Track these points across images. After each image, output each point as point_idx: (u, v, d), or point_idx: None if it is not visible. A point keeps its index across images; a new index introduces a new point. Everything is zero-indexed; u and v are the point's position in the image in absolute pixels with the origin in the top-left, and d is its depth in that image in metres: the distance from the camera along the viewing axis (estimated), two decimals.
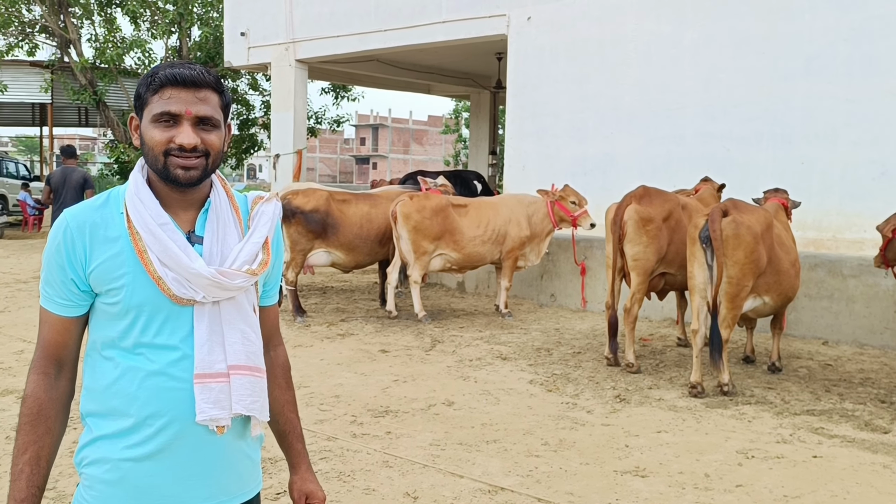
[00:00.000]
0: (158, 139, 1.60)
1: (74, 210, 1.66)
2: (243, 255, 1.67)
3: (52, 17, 17.15)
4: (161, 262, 1.59)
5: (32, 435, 1.61)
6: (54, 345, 1.66)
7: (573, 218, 8.34)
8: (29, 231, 18.90)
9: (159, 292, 1.60)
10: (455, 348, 7.23)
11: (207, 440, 1.64)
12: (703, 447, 4.68)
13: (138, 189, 1.64)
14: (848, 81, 7.95)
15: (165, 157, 1.60)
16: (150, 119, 1.61)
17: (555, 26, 10.09)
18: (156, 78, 1.61)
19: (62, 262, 1.61)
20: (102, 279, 1.60)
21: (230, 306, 1.66)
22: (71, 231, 1.61)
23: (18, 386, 5.78)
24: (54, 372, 1.65)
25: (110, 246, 1.61)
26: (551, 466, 4.37)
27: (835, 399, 5.73)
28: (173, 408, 1.61)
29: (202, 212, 1.69)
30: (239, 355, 1.66)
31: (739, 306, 5.66)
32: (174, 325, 1.62)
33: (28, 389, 1.63)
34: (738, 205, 5.77)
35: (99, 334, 1.65)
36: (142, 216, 1.60)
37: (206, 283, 1.60)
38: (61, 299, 1.63)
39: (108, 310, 1.63)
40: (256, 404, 1.68)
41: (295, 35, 13.06)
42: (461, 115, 33.13)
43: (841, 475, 4.25)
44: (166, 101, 1.60)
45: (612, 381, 6.18)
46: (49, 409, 1.63)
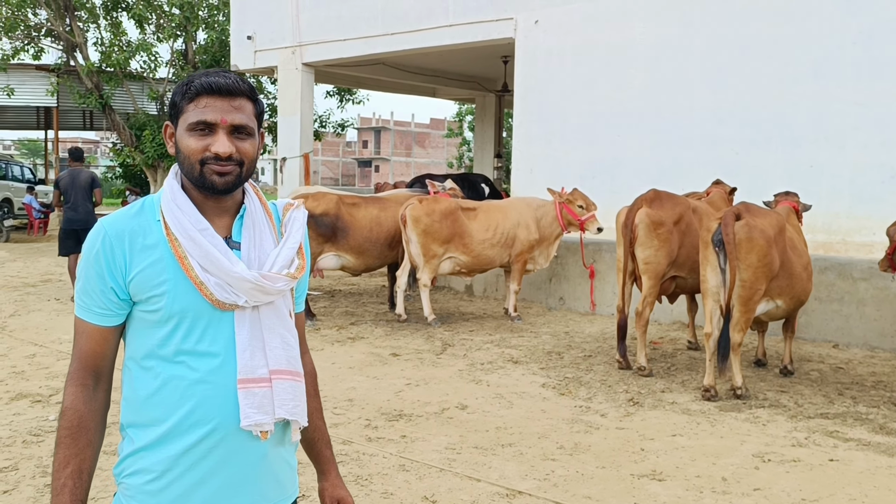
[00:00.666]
0: (194, 147, 1.61)
1: (111, 218, 1.65)
2: (281, 260, 1.68)
3: (59, 21, 17.18)
4: (202, 268, 1.59)
5: (74, 448, 1.60)
6: (92, 355, 1.65)
7: (580, 221, 8.36)
8: (34, 234, 18.93)
9: (201, 298, 1.60)
10: (466, 352, 7.23)
11: (250, 447, 1.64)
12: (719, 451, 4.68)
13: (175, 196, 1.64)
14: (856, 85, 7.96)
15: (202, 165, 1.61)
16: (185, 128, 1.62)
17: (562, 30, 10.11)
18: (191, 86, 1.62)
19: (101, 271, 1.61)
20: (143, 287, 1.60)
21: (269, 311, 1.67)
22: (110, 239, 1.61)
23: (32, 390, 5.80)
24: (92, 383, 1.65)
25: (150, 253, 1.61)
26: (568, 470, 4.37)
27: (848, 402, 5.73)
28: (217, 415, 1.61)
29: (237, 218, 1.71)
30: (280, 360, 1.66)
31: (752, 310, 5.66)
32: (215, 331, 1.62)
33: (67, 402, 1.62)
34: (750, 208, 5.77)
35: (138, 344, 1.65)
36: (181, 222, 1.61)
37: (248, 287, 1.61)
38: (100, 309, 1.63)
39: (147, 318, 1.62)
40: (298, 408, 1.68)
41: (302, 39, 13.09)
42: (465, 118, 33.15)
43: (858, 479, 4.25)
44: (202, 109, 1.61)
45: (624, 384, 6.18)
46: (89, 421, 1.63)
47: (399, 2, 11.80)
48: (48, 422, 5.10)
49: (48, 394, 5.72)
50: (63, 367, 6.51)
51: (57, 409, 5.38)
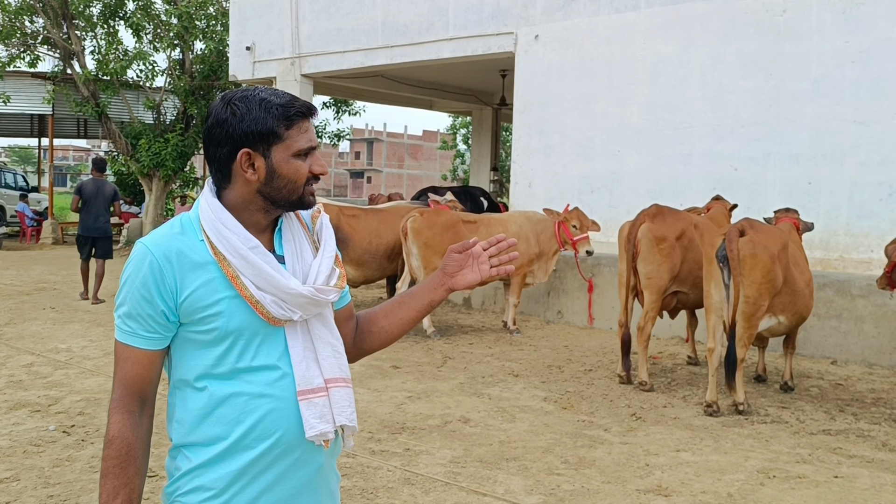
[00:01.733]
0: (303, 172, 1.64)
1: (154, 239, 1.62)
2: (324, 270, 1.69)
3: (55, 29, 17.15)
4: (256, 286, 1.59)
5: (123, 478, 1.58)
6: (139, 380, 1.62)
7: (572, 241, 8.38)
8: (27, 242, 18.83)
9: (256, 316, 1.60)
10: (466, 364, 7.22)
11: (310, 456, 1.66)
12: (724, 466, 4.68)
13: (219, 215, 1.62)
14: (855, 103, 8.03)
15: (304, 188, 1.65)
16: (291, 153, 1.62)
17: (562, 45, 10.16)
18: (292, 111, 1.62)
19: (150, 294, 1.58)
20: (195, 308, 1.59)
21: (318, 322, 1.69)
22: (158, 261, 1.58)
23: (31, 399, 5.75)
24: (138, 409, 1.63)
25: (200, 273, 1.60)
26: (573, 485, 4.36)
27: (849, 419, 5.74)
28: (280, 428, 1.62)
29: (276, 231, 1.71)
30: (333, 368, 1.69)
31: (756, 326, 5.68)
32: (269, 346, 1.63)
33: (114, 430, 1.59)
34: (754, 225, 5.80)
35: (189, 365, 1.63)
36: (230, 242, 1.60)
37: (303, 302, 1.62)
38: (148, 333, 1.60)
39: (199, 338, 1.61)
40: (353, 414, 1.71)
41: (301, 50, 13.11)
42: (458, 130, 33.23)
43: (864, 496, 4.25)
44: (306, 134, 1.64)
45: (626, 399, 6.18)
46: (137, 449, 1.61)
47: (399, 15, 11.85)
48: (48, 432, 5.06)
49: (47, 403, 5.68)
50: (61, 376, 6.46)
51: (56, 418, 5.34)
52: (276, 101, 1.62)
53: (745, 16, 8.74)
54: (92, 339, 7.93)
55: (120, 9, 17.79)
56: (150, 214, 17.94)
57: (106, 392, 6.03)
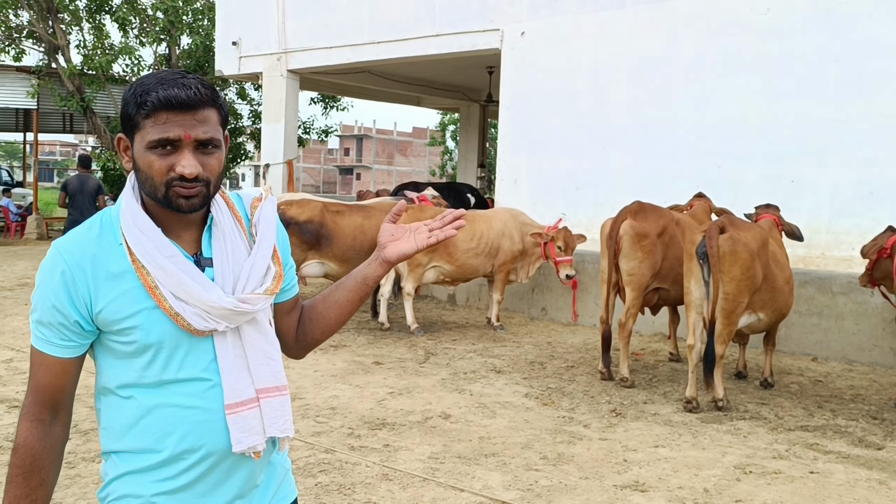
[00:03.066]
0: (157, 168, 1.45)
1: (67, 243, 1.50)
2: (256, 271, 1.58)
3: (41, 23, 17.03)
4: (176, 297, 1.48)
5: (25, 488, 1.50)
6: (52, 389, 1.52)
7: (555, 262, 8.33)
8: (11, 237, 18.69)
9: (176, 327, 1.50)
10: (449, 361, 7.22)
11: (241, 464, 1.60)
12: (701, 462, 4.70)
13: (136, 219, 1.49)
14: (838, 102, 8.07)
15: (167, 188, 1.46)
16: (145, 146, 1.46)
17: (548, 42, 10.17)
18: (148, 101, 1.43)
19: (61, 304, 1.47)
20: (112, 319, 1.49)
21: (250, 328, 1.58)
22: (70, 269, 1.47)
23: (9, 395, 5.71)
24: (49, 418, 1.53)
25: (117, 283, 1.48)
26: (551, 481, 4.37)
27: (827, 415, 5.78)
28: (208, 440, 1.54)
29: (206, 229, 1.58)
30: (265, 377, 1.59)
31: (735, 322, 5.71)
32: (196, 356, 1.53)
33: (20, 438, 1.51)
34: (734, 222, 5.83)
35: (113, 373, 1.54)
36: (147, 250, 1.48)
37: (227, 314, 1.51)
38: (61, 340, 1.50)
39: (121, 349, 1.51)
40: (287, 423, 1.63)
41: (287, 45, 13.06)
42: (447, 127, 33.22)
43: (838, 491, 4.29)
44: (162, 126, 1.44)
45: (606, 395, 6.20)
46: (43, 459, 1.52)
47: (386, 11, 11.82)
48: None
49: None
50: None
51: None
52: (146, 82, 1.46)
53: (730, 14, 8.76)
54: None
55: (106, 3, 17.68)
56: None
57: (86, 388, 5.97)
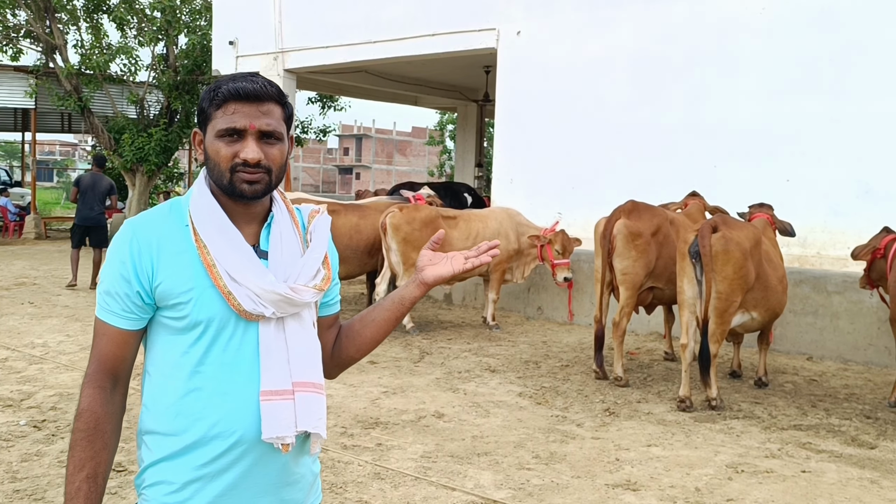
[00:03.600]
0: (224, 155, 1.59)
1: (139, 221, 1.63)
2: (307, 271, 1.66)
3: (38, 23, 17.00)
4: (231, 277, 1.57)
5: (90, 451, 1.57)
6: (112, 358, 1.62)
7: (553, 265, 8.34)
8: (9, 237, 18.68)
9: (228, 307, 1.58)
10: (443, 360, 7.23)
11: (272, 457, 1.63)
12: (693, 461, 4.71)
13: (204, 201, 1.63)
14: (833, 101, 8.07)
15: (232, 172, 1.59)
16: (214, 135, 1.60)
17: (544, 42, 10.17)
18: (219, 92, 1.60)
19: (127, 274, 1.58)
20: (169, 293, 1.58)
21: (294, 322, 1.64)
22: (138, 243, 1.59)
23: (3, 394, 5.72)
24: (110, 386, 1.62)
25: (178, 259, 1.59)
26: (543, 480, 4.37)
27: (821, 414, 5.78)
28: (240, 427, 1.58)
29: (265, 226, 1.68)
30: (304, 372, 1.64)
31: (728, 321, 5.71)
32: (240, 341, 1.60)
33: (84, 404, 1.59)
34: (727, 220, 5.83)
35: (160, 351, 1.63)
36: (209, 229, 1.59)
37: (276, 299, 1.59)
38: (123, 311, 1.60)
39: (172, 324, 1.60)
40: (320, 421, 1.66)
41: (284, 45, 13.07)
42: (446, 127, 33.21)
43: (830, 490, 4.29)
44: (230, 116, 1.58)
45: (600, 394, 6.20)
46: (106, 423, 1.60)
47: (382, 10, 11.83)
48: (18, 426, 5.03)
49: (19, 398, 5.65)
50: (35, 371, 6.42)
51: (28, 413, 5.31)
52: (219, 80, 1.62)
53: (725, 14, 8.77)
54: (69, 335, 7.89)
55: (103, 2, 17.65)
56: (133, 209, 17.81)
57: (79, 387, 5.99)
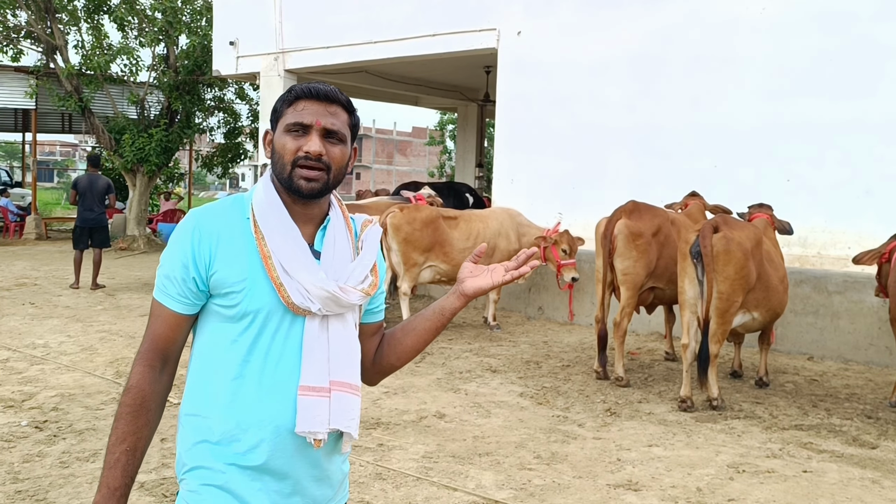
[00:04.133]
0: (289, 147, 1.66)
1: (203, 211, 1.70)
2: (356, 275, 1.71)
3: (39, 23, 17.01)
4: (284, 270, 1.63)
5: (133, 426, 1.63)
6: (164, 339, 1.68)
7: (559, 265, 8.25)
8: (10, 238, 18.69)
9: (278, 299, 1.64)
10: (444, 360, 7.23)
11: (304, 451, 1.67)
12: (695, 461, 4.71)
13: (268, 196, 1.69)
14: (833, 102, 8.07)
15: (293, 166, 1.66)
16: (282, 129, 1.68)
17: (545, 42, 10.17)
18: (292, 91, 1.70)
19: (186, 260, 1.64)
20: (224, 282, 1.64)
21: (338, 323, 1.70)
22: (199, 231, 1.65)
23: (4, 395, 5.72)
24: (160, 365, 1.68)
25: (235, 250, 1.65)
26: (545, 480, 4.38)
27: (822, 414, 5.79)
28: (277, 417, 1.64)
29: (321, 228, 1.74)
30: (342, 371, 1.69)
31: (729, 321, 5.71)
32: (286, 334, 1.66)
33: (133, 380, 1.66)
34: (728, 221, 5.84)
35: (209, 338, 1.69)
36: (269, 220, 1.65)
37: (324, 296, 1.64)
38: (179, 295, 1.66)
39: (223, 312, 1.66)
40: (353, 422, 1.70)
41: (284, 45, 13.07)
42: (446, 127, 33.20)
43: (831, 490, 4.29)
44: (299, 112, 1.66)
45: (601, 394, 6.21)
46: (151, 401, 1.66)
47: (383, 11, 11.83)
48: (20, 427, 5.03)
49: (21, 399, 5.65)
50: (36, 371, 6.43)
51: (30, 414, 5.31)
52: (295, 85, 1.71)
53: (726, 14, 8.77)
54: (70, 335, 7.89)
55: (104, 3, 17.66)
56: (133, 210, 17.83)
57: (81, 388, 6.01)
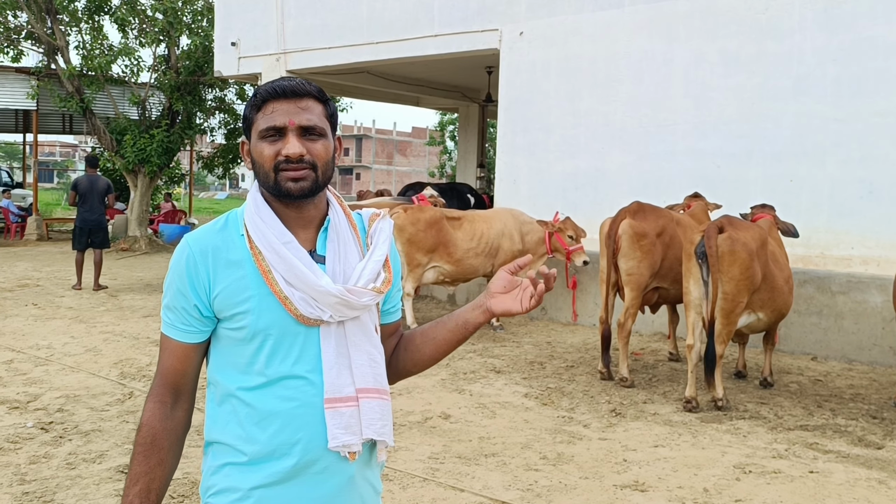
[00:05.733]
0: (267, 154, 1.59)
1: (196, 235, 1.63)
2: (367, 274, 1.64)
3: (39, 24, 17.01)
4: (287, 282, 1.56)
5: (145, 466, 1.59)
6: (174, 372, 1.63)
7: (567, 251, 8.36)
8: (11, 238, 18.69)
9: (286, 313, 1.57)
10: (448, 361, 7.23)
11: (337, 467, 1.61)
12: (701, 462, 4.71)
13: (258, 209, 1.62)
14: (836, 101, 8.07)
15: (276, 172, 1.58)
16: (257, 136, 1.60)
17: (547, 42, 10.17)
18: (257, 94, 1.61)
19: (184, 288, 1.59)
20: (227, 304, 1.58)
21: (355, 327, 1.63)
22: (194, 256, 1.59)
23: (10, 396, 5.72)
24: (171, 400, 1.63)
25: (234, 269, 1.59)
26: (551, 481, 4.38)
27: (827, 414, 5.79)
28: (304, 435, 1.58)
29: (322, 230, 1.67)
30: (367, 378, 1.63)
31: (734, 322, 5.71)
32: (301, 348, 1.59)
33: (144, 418, 1.61)
34: (733, 221, 5.84)
35: (223, 361, 1.63)
36: (265, 236, 1.58)
37: (333, 302, 1.57)
38: (184, 325, 1.61)
39: (233, 335, 1.60)
40: (386, 428, 1.64)
41: (286, 46, 13.06)
42: (447, 127, 33.21)
43: (838, 490, 4.29)
44: (270, 115, 1.58)
45: (606, 395, 6.21)
46: (163, 439, 1.60)
47: (384, 11, 11.83)
48: (26, 429, 5.03)
49: (26, 400, 5.65)
50: (41, 373, 6.43)
51: (35, 415, 5.32)
52: (259, 87, 1.63)
53: (728, 14, 8.77)
54: (73, 336, 7.89)
55: (105, 4, 17.66)
56: (135, 211, 17.83)
57: (86, 389, 6.01)
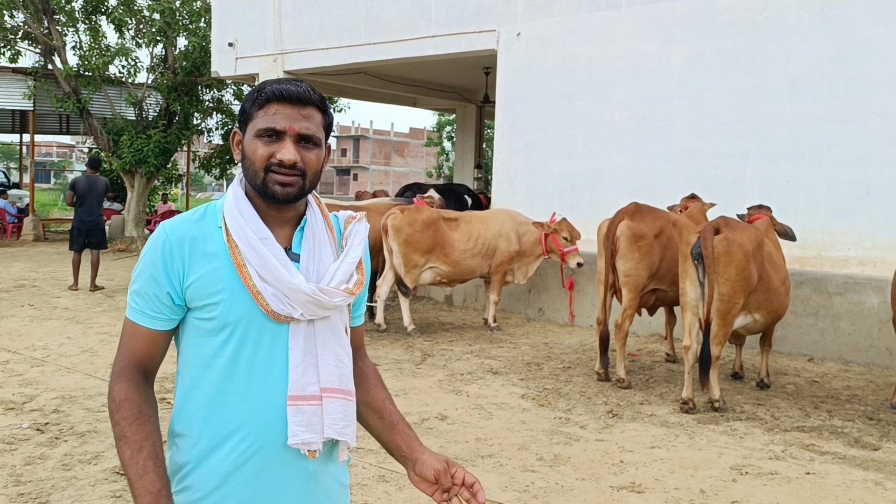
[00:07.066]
0: (261, 153, 1.59)
1: (173, 223, 1.63)
2: (340, 274, 1.65)
3: (36, 24, 16.98)
4: (260, 277, 1.57)
5: (142, 433, 1.55)
6: (141, 357, 1.62)
7: (562, 253, 8.38)
8: (8, 239, 18.65)
9: (257, 308, 1.58)
10: (445, 362, 7.22)
11: (298, 465, 1.62)
12: (697, 463, 4.71)
13: (238, 203, 1.63)
14: (833, 102, 8.08)
15: (266, 172, 1.59)
16: (253, 134, 1.61)
17: (544, 43, 10.17)
18: (262, 93, 1.61)
19: (158, 275, 1.59)
20: (199, 294, 1.58)
21: (325, 327, 1.64)
22: (170, 244, 1.59)
23: (5, 397, 5.70)
24: (141, 380, 1.62)
25: (209, 260, 1.59)
26: (548, 482, 4.37)
27: (824, 416, 5.79)
28: (265, 431, 1.58)
29: (298, 229, 1.68)
30: (332, 377, 1.63)
31: (731, 323, 5.72)
32: (269, 343, 1.60)
33: (121, 395, 1.57)
34: (729, 222, 5.84)
35: (191, 352, 1.63)
36: (242, 230, 1.59)
37: (305, 300, 1.58)
38: (153, 312, 1.61)
39: (202, 325, 1.60)
40: (348, 429, 1.64)
41: (283, 46, 13.06)
42: (444, 128, 33.21)
43: (834, 492, 4.29)
44: (271, 116, 1.59)
45: (603, 396, 6.21)
46: (148, 409, 1.59)
47: (382, 12, 11.82)
48: (21, 430, 5.01)
49: (21, 401, 5.63)
50: (37, 374, 6.41)
51: (31, 416, 5.29)
52: (265, 83, 1.63)
53: (725, 15, 8.78)
54: (69, 337, 7.87)
55: (102, 4, 17.65)
56: (132, 211, 17.81)
57: (82, 390, 5.99)
